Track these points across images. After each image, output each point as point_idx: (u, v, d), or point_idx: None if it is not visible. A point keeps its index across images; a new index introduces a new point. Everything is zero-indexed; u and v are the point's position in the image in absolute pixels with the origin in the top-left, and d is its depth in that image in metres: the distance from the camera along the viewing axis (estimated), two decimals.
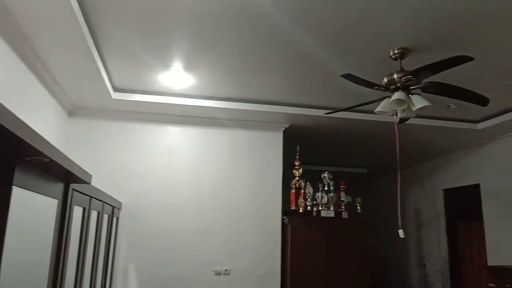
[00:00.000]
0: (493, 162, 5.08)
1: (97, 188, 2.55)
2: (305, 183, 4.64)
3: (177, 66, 3.29)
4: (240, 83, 3.67)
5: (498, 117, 4.36)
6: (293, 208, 4.57)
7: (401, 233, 3.02)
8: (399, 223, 3.19)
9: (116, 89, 3.83)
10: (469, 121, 4.60)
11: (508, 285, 4.22)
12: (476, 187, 5.35)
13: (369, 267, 4.57)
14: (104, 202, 2.93)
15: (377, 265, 7.14)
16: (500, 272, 4.45)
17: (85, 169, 1.94)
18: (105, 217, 3.12)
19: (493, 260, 4.93)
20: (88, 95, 3.78)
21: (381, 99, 2.92)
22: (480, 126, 4.61)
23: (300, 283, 4.25)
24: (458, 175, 5.72)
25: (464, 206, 5.72)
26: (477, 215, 5.28)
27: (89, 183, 2.00)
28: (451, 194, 5.97)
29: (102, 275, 3.28)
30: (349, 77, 2.73)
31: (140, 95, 3.89)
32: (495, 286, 4.39)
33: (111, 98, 3.80)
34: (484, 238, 5.17)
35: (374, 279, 6.03)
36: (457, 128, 4.63)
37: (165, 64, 3.26)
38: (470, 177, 5.47)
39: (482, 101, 2.88)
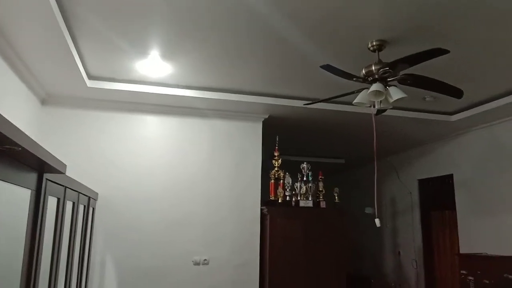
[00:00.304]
0: (466, 153, 5.23)
1: (72, 178, 2.50)
2: (284, 173, 4.67)
3: (154, 54, 3.23)
4: (219, 73, 3.64)
5: (471, 109, 4.48)
6: (272, 198, 4.60)
7: (377, 222, 3.09)
8: (375, 212, 3.25)
9: (91, 77, 3.73)
10: (444, 113, 4.72)
11: (479, 272, 4.38)
12: (450, 177, 5.51)
13: (346, 255, 4.66)
14: (80, 193, 2.87)
15: (353, 253, 7.29)
16: (472, 259, 4.62)
17: (60, 158, 1.89)
18: (81, 207, 3.06)
19: (465, 248, 5.11)
20: (62, 83, 3.67)
21: (359, 91, 2.95)
22: (454, 118, 4.73)
23: (278, 272, 4.30)
24: (433, 166, 5.87)
25: (438, 196, 5.88)
26: (451, 204, 5.45)
27: (64, 173, 1.95)
28: (425, 184, 6.12)
29: (78, 266, 3.23)
30: (328, 68, 2.75)
31: (116, 83, 3.81)
32: (467, 273, 4.55)
33: (86, 86, 3.70)
34: (457, 227, 5.34)
35: (351, 267, 6.16)
36: (432, 120, 4.74)
37: (142, 52, 3.20)
38: (444, 168, 5.62)
39: (457, 93, 2.95)
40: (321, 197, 4.74)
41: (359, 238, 7.52)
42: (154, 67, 3.49)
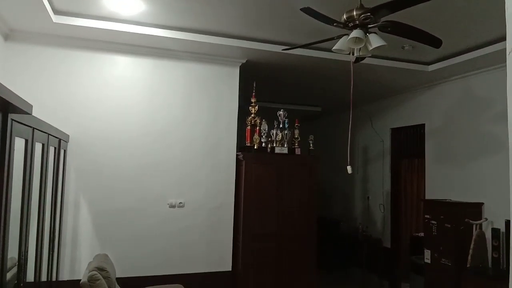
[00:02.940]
0: (439, 103, 5.34)
1: (40, 119, 2.41)
2: (261, 120, 4.66)
3: None
4: (195, 12, 3.46)
5: (448, 60, 4.51)
6: (248, 144, 4.63)
7: (349, 169, 3.15)
8: (348, 159, 3.32)
9: (56, 12, 3.47)
10: (421, 63, 4.73)
11: (442, 217, 4.65)
12: (422, 127, 5.65)
13: (317, 199, 4.83)
14: (49, 134, 2.79)
15: (325, 198, 7.56)
16: (436, 205, 4.88)
17: (26, 99, 1.81)
18: (51, 149, 2.99)
19: (430, 194, 5.37)
20: (25, 17, 3.42)
21: (339, 37, 2.88)
22: (431, 68, 4.76)
23: (252, 215, 4.44)
24: (406, 115, 5.98)
25: (409, 144, 6.05)
26: (420, 153, 5.64)
27: (30, 114, 1.88)
28: (397, 133, 6.27)
29: (51, 208, 3.22)
30: (308, 11, 2.65)
31: (84, 19, 3.57)
32: (430, 217, 4.82)
33: (52, 21, 3.46)
34: (424, 174, 5.57)
35: (322, 210, 6.41)
36: (409, 69, 4.76)
37: None
38: (417, 118, 5.74)
39: (436, 42, 2.93)
40: (296, 144, 4.80)
41: (331, 183, 7.78)
42: (125, 3, 3.28)
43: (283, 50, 3.54)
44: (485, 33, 3.73)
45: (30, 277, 2.55)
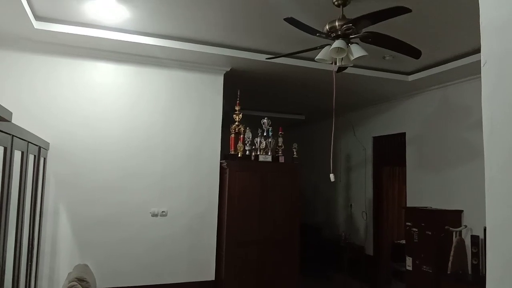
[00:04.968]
0: (419, 112, 5.45)
1: (19, 127, 2.36)
2: (245, 128, 4.68)
3: None
4: (179, 20, 3.46)
5: (427, 70, 4.62)
6: (232, 152, 4.63)
7: (332, 177, 3.18)
8: (331, 167, 3.35)
9: (38, 18, 3.43)
10: (402, 73, 4.83)
11: (422, 224, 4.72)
12: (402, 135, 5.75)
13: (300, 206, 4.85)
14: (29, 142, 2.74)
15: (308, 205, 7.59)
16: (417, 212, 4.95)
17: (6, 105, 1.78)
18: (31, 157, 2.93)
19: (411, 201, 5.45)
20: (6, 23, 3.36)
21: (322, 47, 2.93)
22: (411, 78, 4.86)
23: (235, 222, 4.42)
24: (387, 124, 6.08)
25: (390, 152, 6.15)
26: (401, 161, 5.73)
27: (9, 121, 1.84)
28: (379, 141, 6.37)
29: (30, 216, 3.15)
30: (291, 21, 2.69)
31: (66, 26, 3.53)
32: (411, 225, 4.89)
33: (33, 27, 3.41)
34: (405, 182, 5.66)
35: (305, 217, 6.44)
36: (390, 79, 4.85)
37: None
38: (398, 126, 5.85)
39: (415, 53, 3.01)
40: (280, 152, 4.82)
41: (314, 191, 7.81)
42: (109, 10, 3.26)
43: (267, 59, 3.58)
44: (462, 44, 3.84)
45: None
